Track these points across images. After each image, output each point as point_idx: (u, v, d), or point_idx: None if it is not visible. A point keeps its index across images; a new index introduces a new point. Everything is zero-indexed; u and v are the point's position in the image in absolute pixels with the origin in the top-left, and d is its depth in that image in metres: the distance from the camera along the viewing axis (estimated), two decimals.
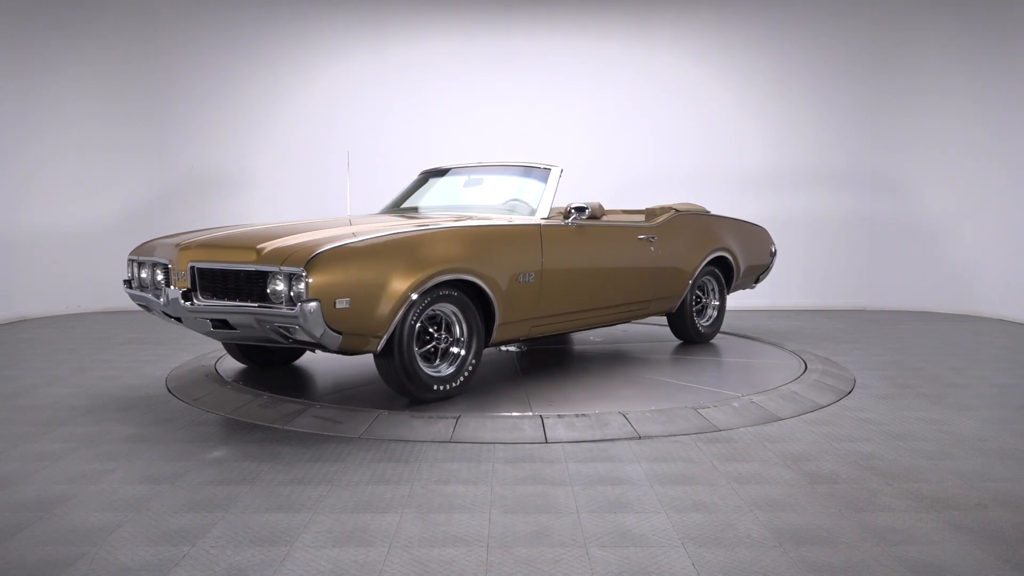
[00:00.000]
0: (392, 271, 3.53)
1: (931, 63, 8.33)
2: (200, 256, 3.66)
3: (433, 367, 3.89)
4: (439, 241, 3.81)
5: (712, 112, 8.66)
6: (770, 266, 6.50)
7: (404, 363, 3.67)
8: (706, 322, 5.84)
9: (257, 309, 3.40)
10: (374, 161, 8.44)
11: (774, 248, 6.54)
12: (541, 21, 8.59)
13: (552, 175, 4.67)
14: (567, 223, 4.50)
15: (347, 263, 3.43)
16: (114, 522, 2.49)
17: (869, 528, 2.46)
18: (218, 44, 8.51)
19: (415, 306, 3.64)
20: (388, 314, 3.50)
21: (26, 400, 4.21)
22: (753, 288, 6.61)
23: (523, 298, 4.16)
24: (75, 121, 8.20)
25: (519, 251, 4.14)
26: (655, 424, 3.59)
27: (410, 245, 3.69)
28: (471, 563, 2.20)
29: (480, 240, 3.99)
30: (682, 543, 2.34)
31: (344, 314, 3.36)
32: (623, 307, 5.03)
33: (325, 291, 3.29)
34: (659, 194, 8.10)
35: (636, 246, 5.04)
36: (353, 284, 3.40)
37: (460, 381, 3.93)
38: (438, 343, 3.90)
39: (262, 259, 3.41)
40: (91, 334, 6.68)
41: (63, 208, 8.16)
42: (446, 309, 3.87)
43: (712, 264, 5.73)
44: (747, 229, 6.25)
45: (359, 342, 3.52)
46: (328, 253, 3.36)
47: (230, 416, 3.80)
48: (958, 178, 8.23)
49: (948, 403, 4.17)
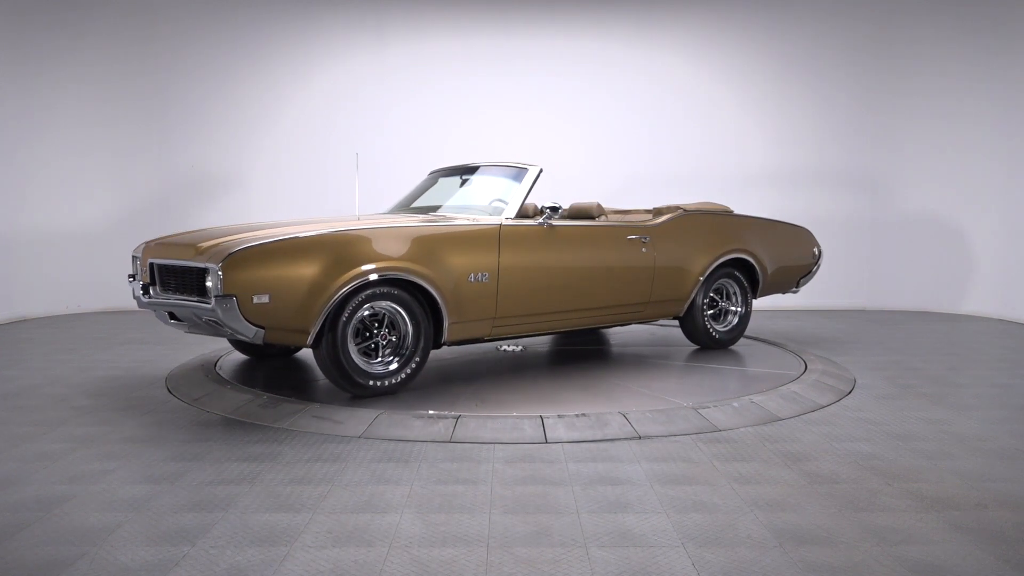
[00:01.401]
0: (317, 269, 3.67)
1: (931, 63, 8.33)
2: (157, 254, 4.02)
3: (374, 362, 3.99)
4: (373, 241, 3.90)
5: (711, 112, 8.66)
6: (813, 269, 6.12)
7: (335, 357, 3.79)
8: (723, 327, 5.56)
9: (190, 303, 3.68)
10: (374, 161, 8.44)
11: (818, 250, 6.15)
12: (542, 22, 8.60)
13: (528, 175, 4.67)
14: (536, 223, 4.49)
15: (264, 261, 3.60)
16: (114, 522, 2.49)
17: (869, 528, 2.46)
18: (218, 44, 8.51)
19: (348, 303, 3.78)
20: (314, 311, 3.66)
21: (26, 400, 4.21)
22: (795, 292, 6.19)
23: (477, 298, 4.19)
24: (75, 121, 8.20)
25: (471, 251, 4.17)
26: (655, 424, 3.59)
27: (337, 244, 3.80)
28: (471, 563, 2.20)
29: (423, 240, 4.05)
30: (682, 543, 2.34)
31: (263, 309, 3.56)
32: (609, 309, 4.90)
33: (240, 287, 3.50)
34: (659, 194, 8.09)
35: (623, 247, 4.89)
36: (271, 281, 3.58)
37: (401, 378, 4.02)
38: (377, 339, 4.00)
39: (196, 257, 3.69)
40: (91, 334, 6.68)
41: (63, 208, 8.16)
42: (388, 307, 3.98)
43: (730, 266, 5.47)
44: (780, 230, 5.94)
45: (287, 336, 3.71)
46: (243, 251, 3.57)
47: (230, 416, 3.80)
48: (958, 178, 8.23)
49: (948, 403, 4.17)
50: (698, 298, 5.30)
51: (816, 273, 6.17)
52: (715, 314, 5.56)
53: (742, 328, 5.65)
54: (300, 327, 3.67)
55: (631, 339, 6.08)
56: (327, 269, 3.69)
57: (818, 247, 6.16)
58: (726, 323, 5.61)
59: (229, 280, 3.48)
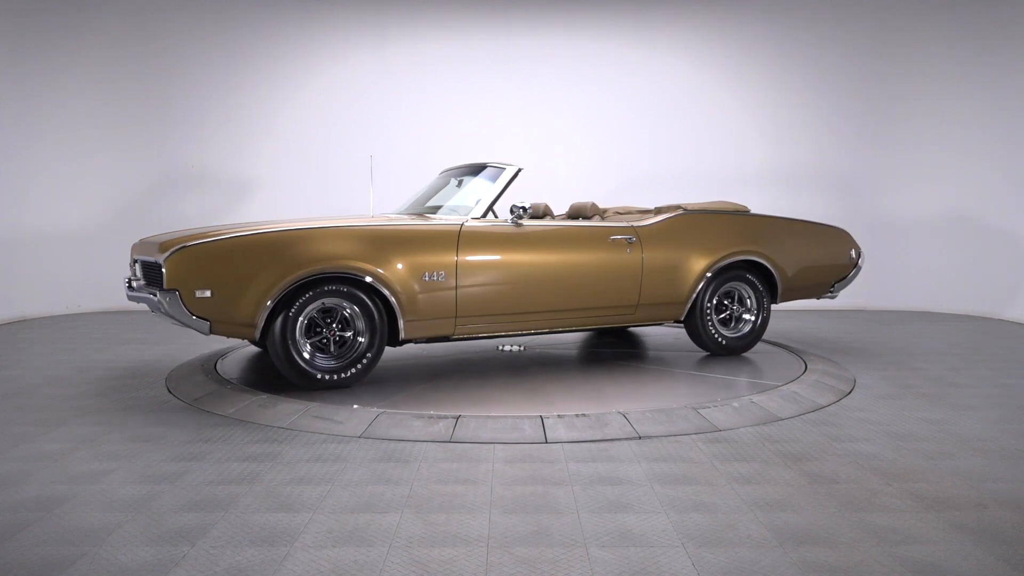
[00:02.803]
0: (259, 267, 3.87)
1: (931, 63, 8.33)
2: (140, 251, 4.34)
3: (325, 357, 4.14)
4: (318, 240, 4.04)
5: (711, 112, 8.66)
6: (851, 273, 5.67)
7: (285, 351, 3.99)
8: (734, 333, 5.23)
9: (153, 296, 3.92)
10: (375, 161, 8.44)
11: (856, 252, 5.69)
12: (542, 22, 8.60)
13: (502, 176, 4.70)
14: (504, 223, 4.51)
15: (206, 258, 3.86)
16: (114, 522, 2.49)
17: (869, 528, 2.46)
18: (218, 44, 8.51)
19: (295, 299, 3.96)
20: (255, 305, 3.86)
21: (26, 400, 4.21)
22: (832, 297, 5.73)
23: (433, 297, 4.25)
24: (75, 121, 8.20)
25: (426, 251, 4.25)
26: (655, 424, 3.59)
27: (280, 243, 3.97)
28: (471, 563, 2.20)
29: (373, 240, 4.16)
30: (682, 543, 2.34)
31: (206, 303, 3.81)
32: (592, 311, 4.76)
33: (182, 282, 3.78)
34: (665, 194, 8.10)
35: (603, 248, 4.73)
36: (212, 277, 3.83)
37: (351, 373, 4.15)
38: (328, 335, 4.14)
39: (156, 254, 3.94)
40: (91, 334, 6.68)
41: (63, 208, 8.16)
42: (340, 304, 4.11)
43: (741, 269, 5.16)
44: (806, 230, 5.55)
45: (234, 329, 3.94)
46: (185, 249, 3.84)
47: (230, 416, 3.81)
48: (958, 178, 8.23)
49: (948, 403, 4.16)
50: (701, 301, 5.06)
51: (854, 277, 5.72)
52: (725, 319, 5.25)
53: (756, 335, 5.29)
54: (245, 321, 3.89)
55: (631, 340, 6.08)
56: (269, 267, 3.88)
57: (856, 249, 5.72)
58: (737, 329, 5.27)
59: (171, 275, 3.77)
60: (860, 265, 5.72)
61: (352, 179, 8.44)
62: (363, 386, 4.29)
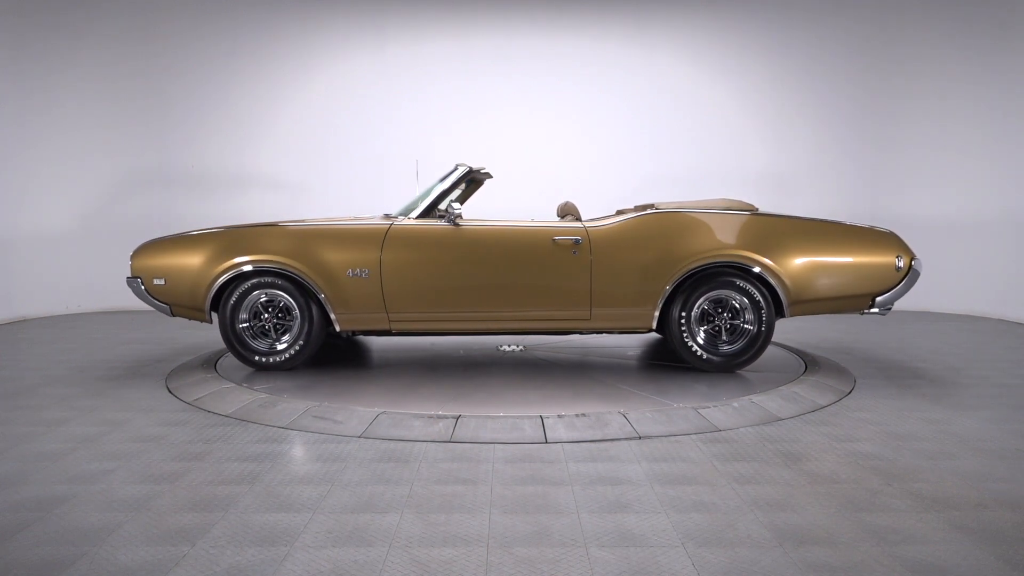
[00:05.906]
0: (202, 260, 4.51)
1: (930, 64, 8.32)
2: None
3: (263, 341, 4.64)
4: (257, 237, 4.55)
5: (711, 113, 8.66)
6: (897, 284, 4.64)
7: (226, 333, 4.59)
8: (724, 348, 4.62)
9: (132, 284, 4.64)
10: (373, 161, 8.45)
11: (902, 260, 4.62)
12: (542, 22, 8.60)
13: (451, 176, 4.83)
14: (439, 223, 4.56)
15: (161, 252, 4.60)
16: (114, 522, 2.49)
17: (869, 528, 2.46)
18: (218, 44, 8.51)
19: (233, 289, 4.51)
20: (201, 293, 4.50)
21: (26, 400, 4.21)
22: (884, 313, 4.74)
23: (358, 292, 4.49)
24: (75, 121, 8.20)
25: (351, 248, 4.50)
26: (655, 424, 3.59)
27: (222, 239, 4.57)
28: (471, 563, 2.20)
29: (301, 237, 4.54)
30: (682, 543, 2.34)
31: (162, 289, 4.57)
32: (536, 315, 4.53)
33: (143, 271, 4.59)
34: (660, 194, 8.10)
35: (544, 249, 4.47)
36: (165, 267, 4.55)
37: (285, 357, 4.62)
38: (264, 321, 4.63)
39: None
40: (91, 334, 6.68)
41: (63, 208, 8.16)
42: (278, 294, 4.57)
43: (733, 276, 4.52)
44: (827, 232, 4.67)
45: (189, 312, 4.62)
46: (146, 244, 4.70)
47: (230, 416, 3.81)
48: (957, 178, 8.23)
49: (948, 403, 4.16)
50: (673, 311, 4.55)
51: (904, 289, 4.67)
52: (712, 332, 4.63)
53: (750, 351, 4.59)
54: (195, 306, 4.56)
55: (631, 340, 6.08)
56: (209, 260, 4.50)
57: (904, 255, 4.64)
58: (731, 343, 4.62)
59: (135, 265, 4.61)
60: (911, 274, 4.65)
61: (352, 179, 8.44)
62: (363, 386, 4.30)
